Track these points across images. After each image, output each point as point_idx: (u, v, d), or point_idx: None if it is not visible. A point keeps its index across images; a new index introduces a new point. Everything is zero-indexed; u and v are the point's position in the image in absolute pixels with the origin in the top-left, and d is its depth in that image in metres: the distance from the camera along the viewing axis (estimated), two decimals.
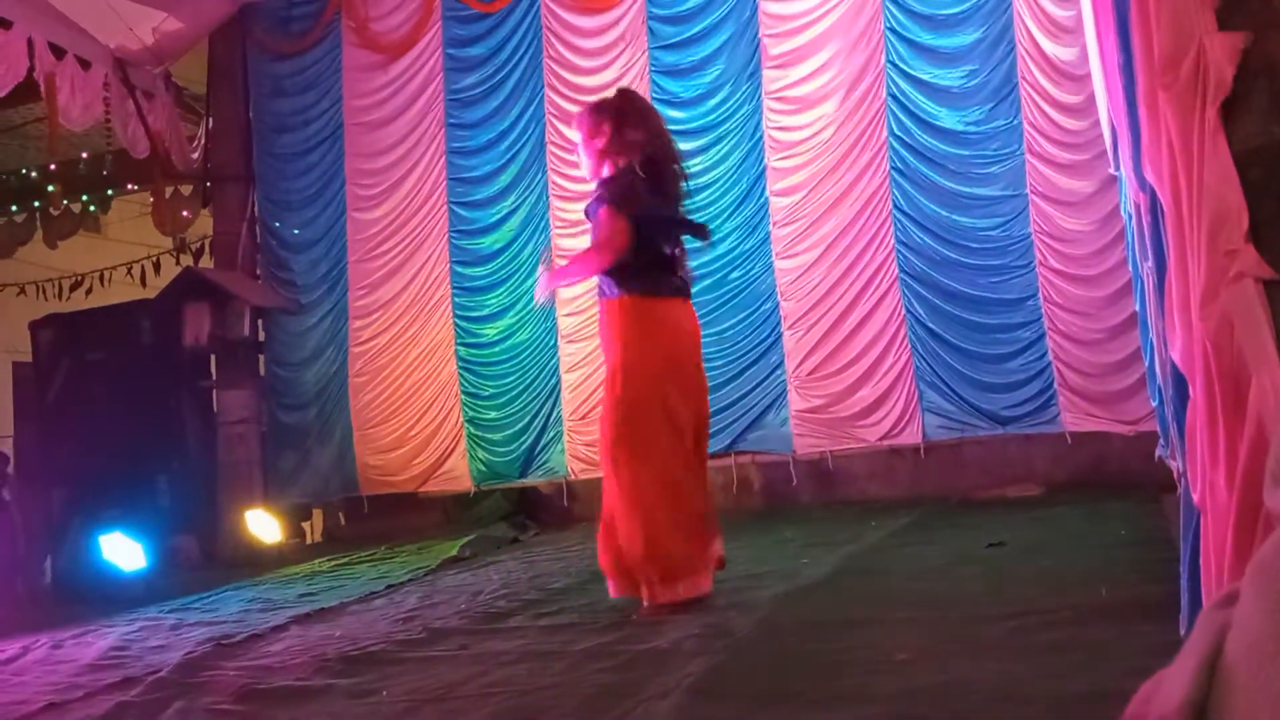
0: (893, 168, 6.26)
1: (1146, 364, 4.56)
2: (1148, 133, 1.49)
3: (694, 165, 6.69)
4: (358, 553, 6.34)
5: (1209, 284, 1.21)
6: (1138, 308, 4.60)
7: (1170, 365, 1.70)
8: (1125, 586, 3.08)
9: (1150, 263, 2.25)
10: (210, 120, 8.13)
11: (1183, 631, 2.07)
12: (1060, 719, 1.98)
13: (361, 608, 4.38)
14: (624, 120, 3.68)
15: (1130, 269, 4.87)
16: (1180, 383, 1.60)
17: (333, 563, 6.07)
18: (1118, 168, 4.13)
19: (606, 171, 3.69)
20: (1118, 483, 5.49)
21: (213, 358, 7.75)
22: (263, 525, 7.02)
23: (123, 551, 6.28)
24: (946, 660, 2.52)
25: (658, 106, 6.71)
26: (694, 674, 2.57)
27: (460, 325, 7.32)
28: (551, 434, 7.02)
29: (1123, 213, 4.68)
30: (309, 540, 7.90)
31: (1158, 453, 4.60)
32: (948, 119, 6.16)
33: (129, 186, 9.64)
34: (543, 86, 7.14)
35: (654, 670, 2.69)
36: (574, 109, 6.98)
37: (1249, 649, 0.53)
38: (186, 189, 8.87)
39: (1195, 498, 1.53)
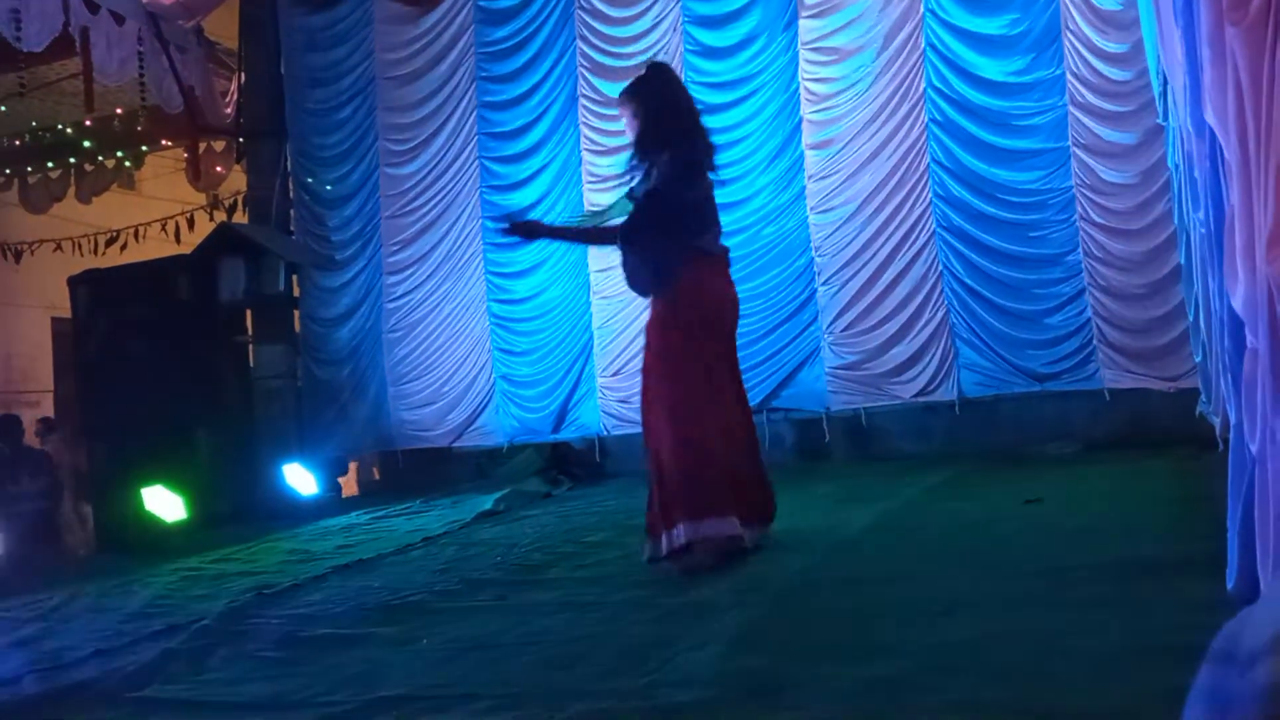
0: (931, 120, 6.15)
1: (1190, 319, 4.49)
2: (1211, 73, 1.44)
3: (728, 119, 6.62)
4: (393, 506, 6.40)
5: (1277, 225, 1.17)
6: (1182, 261, 4.51)
7: (1227, 313, 1.66)
8: (1165, 543, 3.05)
9: (1202, 213, 2.19)
10: (242, 75, 8.12)
11: (1230, 585, 2.04)
12: (1100, 673, 1.97)
13: (399, 559, 4.43)
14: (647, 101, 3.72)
15: (1175, 222, 4.78)
16: (1237, 331, 1.56)
17: (369, 516, 6.14)
18: (1165, 117, 4.03)
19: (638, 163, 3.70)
20: (1157, 440, 5.41)
21: (249, 313, 7.80)
22: (299, 479, 7.09)
23: (163, 504, 6.38)
24: (984, 614, 2.51)
25: (690, 58, 6.67)
26: (732, 625, 2.58)
27: (492, 281, 7.32)
28: (584, 390, 7.03)
29: (1169, 164, 4.58)
30: (345, 494, 7.99)
31: (1199, 409, 4.53)
32: (988, 69, 6.03)
33: (163, 142, 9.69)
34: (575, 39, 7.05)
35: (692, 621, 2.70)
36: (607, 61, 6.93)
37: None
38: (220, 145, 8.90)
39: (1253, 447, 1.49)
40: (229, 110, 8.25)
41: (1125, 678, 1.90)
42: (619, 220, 3.80)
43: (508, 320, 7.28)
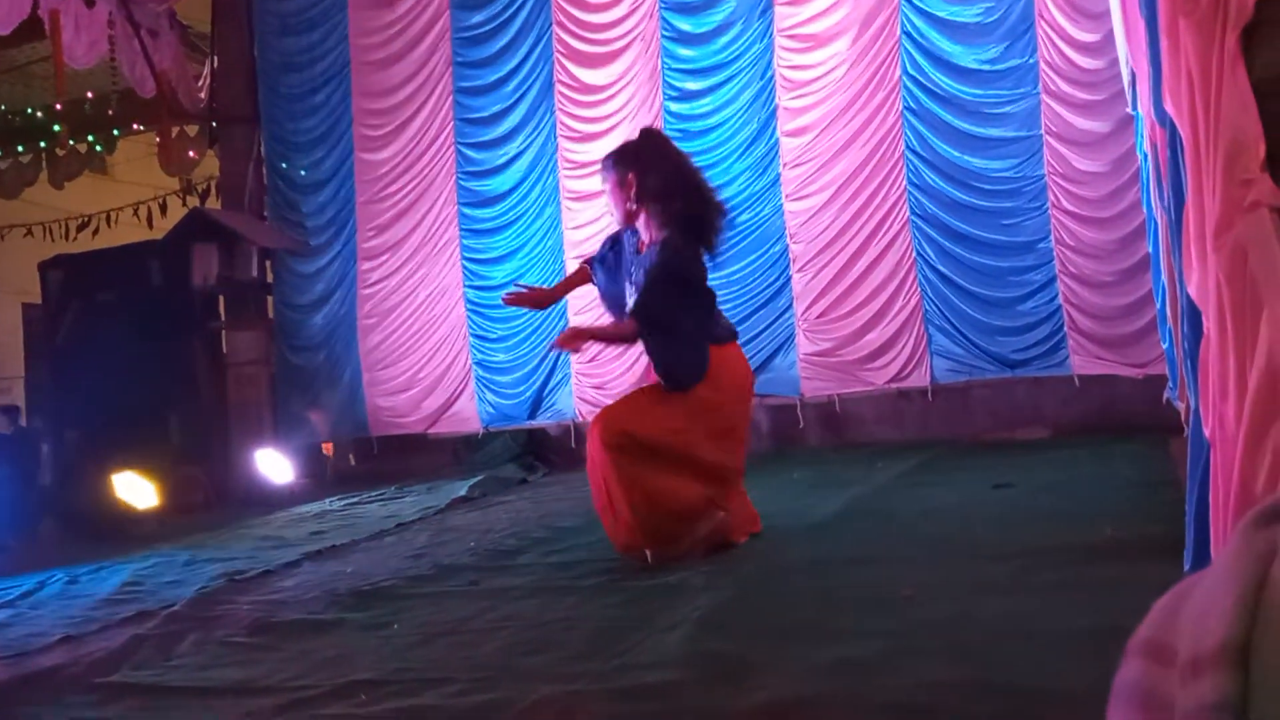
0: (906, 108, 6.18)
1: (1158, 306, 4.54)
2: (1168, 64, 1.47)
3: (703, 105, 6.63)
4: (368, 492, 6.39)
5: (1224, 213, 1.19)
6: (1150, 249, 4.56)
7: (1185, 300, 1.69)
8: (1131, 526, 3.10)
9: (1165, 201, 2.22)
10: (215, 59, 8.04)
11: (1187, 567, 2.07)
12: (1063, 653, 2.00)
13: (372, 545, 4.43)
14: (644, 166, 3.51)
15: (1144, 210, 4.83)
16: (1195, 317, 1.59)
17: (343, 502, 6.14)
18: (1135, 107, 4.07)
19: (644, 227, 3.56)
20: (1125, 426, 5.49)
21: (221, 299, 7.76)
22: (273, 465, 7.07)
23: (135, 490, 6.35)
24: (951, 597, 2.54)
25: (667, 44, 6.66)
26: (701, 608, 2.60)
27: (469, 267, 7.30)
28: (559, 377, 7.04)
29: (1138, 153, 4.62)
30: (319, 480, 7.97)
31: (1166, 395, 4.60)
32: (963, 57, 6.06)
33: (135, 126, 9.56)
34: (551, 24, 7.02)
35: (662, 605, 2.72)
36: (584, 47, 6.91)
37: None
38: (192, 129, 8.81)
39: (1206, 431, 1.53)
40: (202, 94, 8.17)
41: (1087, 658, 1.93)
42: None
43: (484, 306, 7.26)
